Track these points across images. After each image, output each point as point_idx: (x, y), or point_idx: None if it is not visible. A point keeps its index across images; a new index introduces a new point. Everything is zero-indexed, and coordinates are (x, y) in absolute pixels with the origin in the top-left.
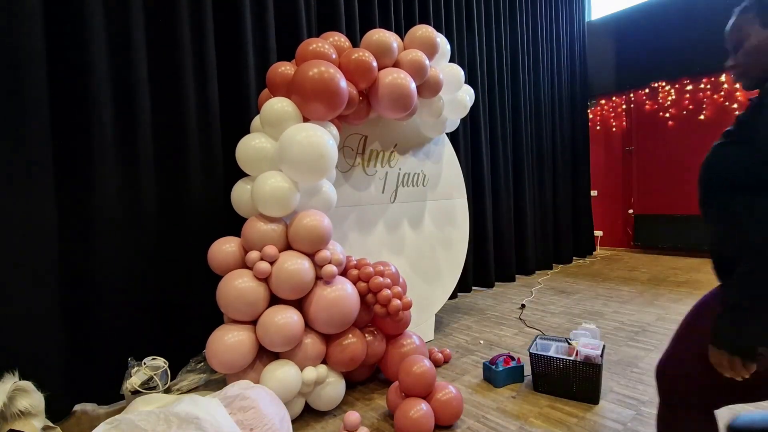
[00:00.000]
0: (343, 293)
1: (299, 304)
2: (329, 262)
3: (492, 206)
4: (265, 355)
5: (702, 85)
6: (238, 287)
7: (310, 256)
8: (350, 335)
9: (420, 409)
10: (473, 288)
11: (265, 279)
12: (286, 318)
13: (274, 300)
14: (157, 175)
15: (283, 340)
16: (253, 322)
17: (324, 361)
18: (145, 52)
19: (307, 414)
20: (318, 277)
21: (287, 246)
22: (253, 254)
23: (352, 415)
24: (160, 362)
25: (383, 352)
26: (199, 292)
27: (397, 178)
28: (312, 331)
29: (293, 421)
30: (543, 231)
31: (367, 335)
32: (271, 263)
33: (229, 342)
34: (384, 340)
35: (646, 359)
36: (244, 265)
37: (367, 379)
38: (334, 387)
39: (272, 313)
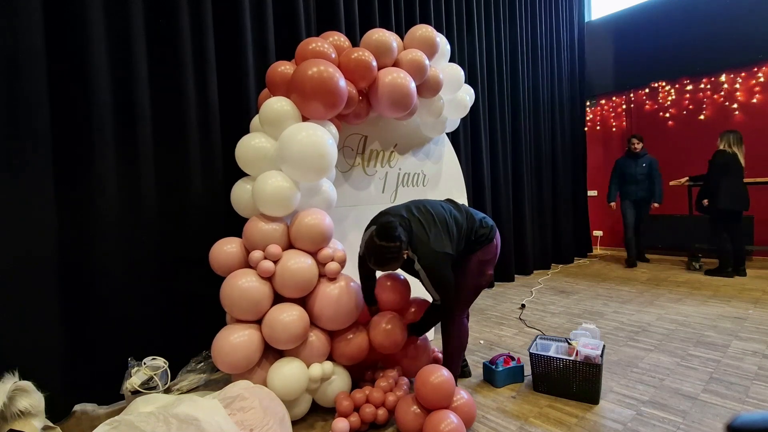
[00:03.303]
0: (347, 289)
1: (302, 301)
2: (332, 260)
3: (492, 206)
4: (270, 353)
5: (702, 85)
6: (242, 287)
7: (313, 254)
8: (354, 329)
9: (451, 422)
10: None
11: (269, 278)
12: (292, 316)
13: (276, 299)
14: (157, 175)
15: (290, 338)
16: (258, 321)
17: (329, 358)
18: (144, 52)
19: (311, 413)
20: (321, 275)
21: (289, 245)
22: (257, 254)
23: (341, 422)
24: (160, 362)
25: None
26: (198, 292)
27: (397, 178)
28: (316, 327)
29: (298, 420)
30: (542, 231)
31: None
32: (275, 262)
33: (235, 342)
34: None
35: (646, 359)
36: (247, 264)
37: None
38: (340, 384)
39: (278, 311)
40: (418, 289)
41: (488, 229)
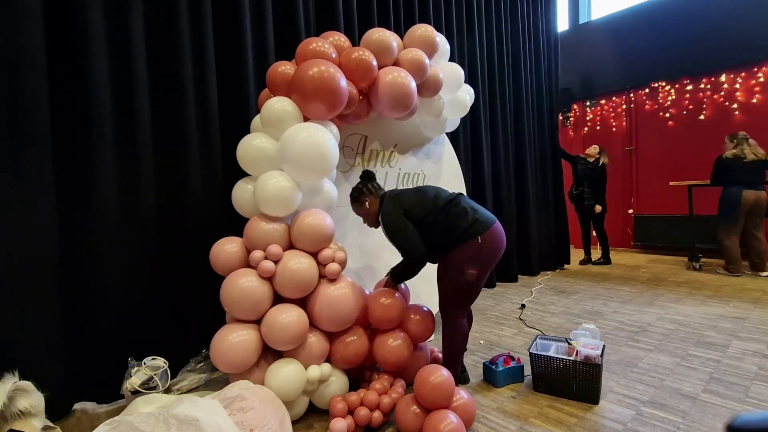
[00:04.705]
0: (347, 291)
1: (302, 302)
2: (332, 261)
3: (493, 207)
4: (268, 353)
5: (702, 85)
6: (242, 286)
7: (313, 255)
8: (353, 332)
9: (451, 422)
10: None
11: (269, 278)
12: (291, 316)
13: (276, 299)
14: (157, 175)
15: (288, 339)
16: (257, 321)
17: (327, 360)
18: (144, 53)
19: (310, 413)
20: (321, 276)
21: (290, 245)
22: (257, 253)
23: (339, 422)
24: (160, 362)
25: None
26: (198, 291)
27: (397, 178)
28: (315, 329)
29: (296, 421)
30: (546, 231)
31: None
32: (276, 262)
33: (234, 341)
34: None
35: (646, 359)
36: (247, 264)
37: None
38: (338, 386)
39: (277, 311)
40: (419, 295)
41: (470, 224)
